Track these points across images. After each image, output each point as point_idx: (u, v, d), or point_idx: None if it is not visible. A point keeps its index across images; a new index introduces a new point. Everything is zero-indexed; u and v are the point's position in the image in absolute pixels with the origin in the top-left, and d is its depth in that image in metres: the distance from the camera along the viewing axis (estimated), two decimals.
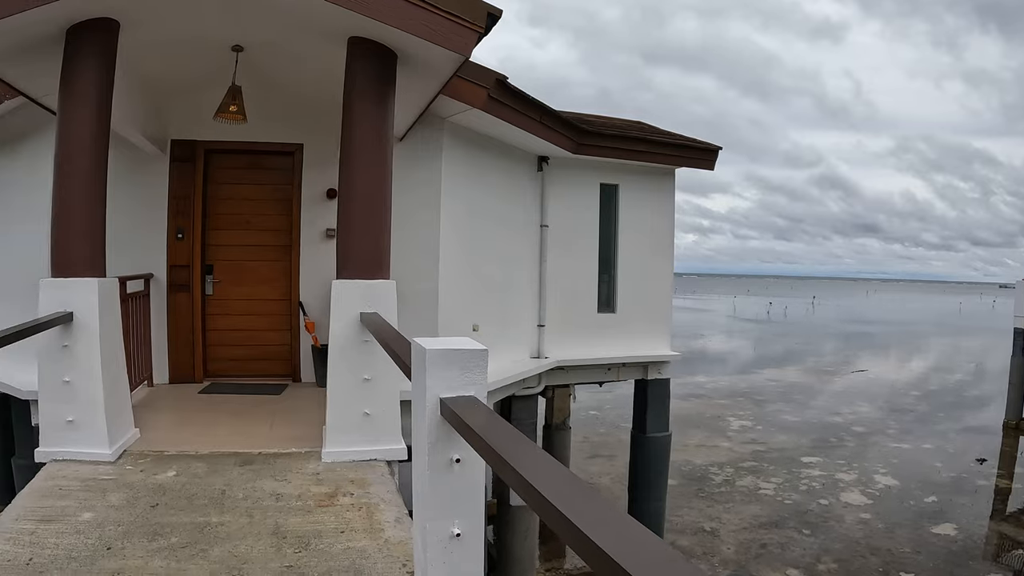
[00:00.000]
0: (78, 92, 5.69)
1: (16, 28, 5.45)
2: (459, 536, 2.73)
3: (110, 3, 5.51)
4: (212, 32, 6.65)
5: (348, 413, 5.66)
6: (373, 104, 5.93)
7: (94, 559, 3.87)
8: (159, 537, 4.16)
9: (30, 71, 6.52)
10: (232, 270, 9.13)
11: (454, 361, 2.68)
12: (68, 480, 5.11)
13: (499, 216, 9.85)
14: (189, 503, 4.72)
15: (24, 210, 8.76)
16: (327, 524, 4.37)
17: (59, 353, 5.50)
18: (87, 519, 4.42)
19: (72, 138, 5.69)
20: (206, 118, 8.12)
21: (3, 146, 9.40)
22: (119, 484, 5.05)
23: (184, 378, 8.89)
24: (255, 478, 5.21)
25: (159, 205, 8.85)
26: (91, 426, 5.51)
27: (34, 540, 4.10)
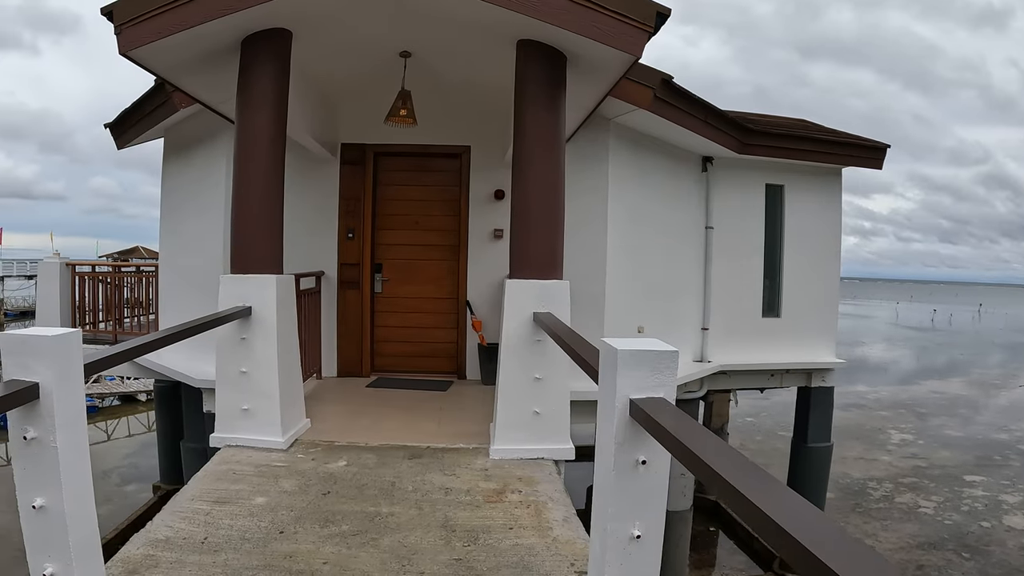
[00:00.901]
0: (255, 99, 5.91)
1: (195, 40, 5.68)
2: (639, 538, 2.63)
3: (283, 14, 5.68)
4: (380, 39, 6.79)
5: (518, 411, 5.61)
6: (545, 106, 5.88)
7: (267, 541, 3.96)
8: (330, 524, 4.22)
9: (207, 81, 6.80)
10: (401, 269, 9.31)
11: (645, 362, 2.57)
12: (242, 465, 5.29)
13: (664, 217, 9.66)
14: (359, 493, 4.77)
15: (197, 211, 9.19)
16: (495, 520, 4.33)
17: (237, 345, 5.71)
18: (260, 503, 4.54)
19: (251, 143, 5.91)
20: (375, 122, 8.33)
21: (178, 152, 9.90)
22: (291, 471, 5.18)
23: (352, 372, 9.14)
24: (424, 471, 5.23)
25: (330, 206, 9.15)
26: (266, 415, 5.69)
27: (209, 520, 4.24)
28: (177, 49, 5.77)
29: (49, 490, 2.72)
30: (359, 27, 6.32)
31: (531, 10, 5.14)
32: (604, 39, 5.23)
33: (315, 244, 8.98)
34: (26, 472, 2.75)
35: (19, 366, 2.68)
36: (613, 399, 2.59)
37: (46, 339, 2.71)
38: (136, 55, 5.72)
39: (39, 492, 2.73)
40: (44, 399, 2.67)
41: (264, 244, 5.89)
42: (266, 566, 3.63)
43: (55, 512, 2.74)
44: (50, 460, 2.70)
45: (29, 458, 2.73)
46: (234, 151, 5.98)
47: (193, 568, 3.60)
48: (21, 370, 2.68)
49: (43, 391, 2.67)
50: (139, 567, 3.60)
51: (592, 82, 6.37)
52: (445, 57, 7.28)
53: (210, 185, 8.89)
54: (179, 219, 9.81)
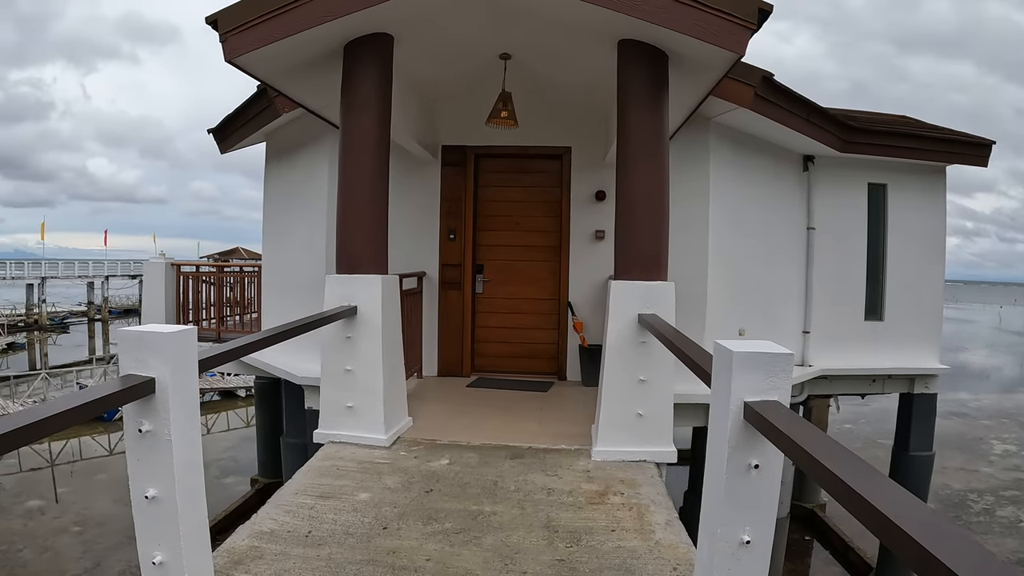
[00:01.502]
0: (359, 103, 6.01)
1: (298, 46, 5.81)
2: (748, 544, 2.59)
3: (384, 19, 5.76)
4: (480, 42, 6.84)
5: (621, 413, 5.56)
6: (648, 107, 5.81)
7: (370, 537, 4.01)
8: (433, 521, 4.24)
9: (311, 85, 6.94)
10: (502, 270, 9.35)
11: (760, 364, 2.53)
12: (345, 461, 5.38)
13: (765, 218, 9.46)
14: (462, 491, 4.80)
15: (300, 213, 9.38)
16: (598, 521, 4.29)
17: (343, 344, 5.81)
18: (364, 499, 4.60)
19: (355, 146, 6.01)
20: (475, 124, 8.39)
21: (280, 155, 10.13)
22: (394, 468, 5.24)
23: (452, 372, 9.22)
24: (526, 471, 5.23)
25: (432, 207, 9.26)
26: (369, 412, 5.78)
27: (313, 514, 4.32)
28: (281, 55, 5.91)
29: (162, 481, 2.80)
30: (459, 30, 6.37)
31: (633, 9, 5.09)
32: (707, 37, 5.14)
33: (417, 245, 9.09)
34: (140, 463, 2.82)
35: (136, 361, 2.76)
36: (727, 402, 2.55)
37: (163, 336, 2.78)
38: (241, 62, 5.87)
39: (152, 483, 2.81)
40: (160, 394, 2.75)
41: (369, 245, 5.98)
42: (369, 561, 3.67)
43: (167, 503, 2.81)
44: (164, 452, 2.77)
45: (143, 450, 2.80)
46: (339, 154, 6.09)
47: (297, 561, 3.66)
48: (138, 365, 2.75)
49: (159, 386, 2.74)
50: (244, 558, 3.69)
51: (694, 81, 6.28)
52: (545, 58, 7.28)
53: (312, 187, 9.05)
54: (282, 221, 10.03)
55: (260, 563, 3.64)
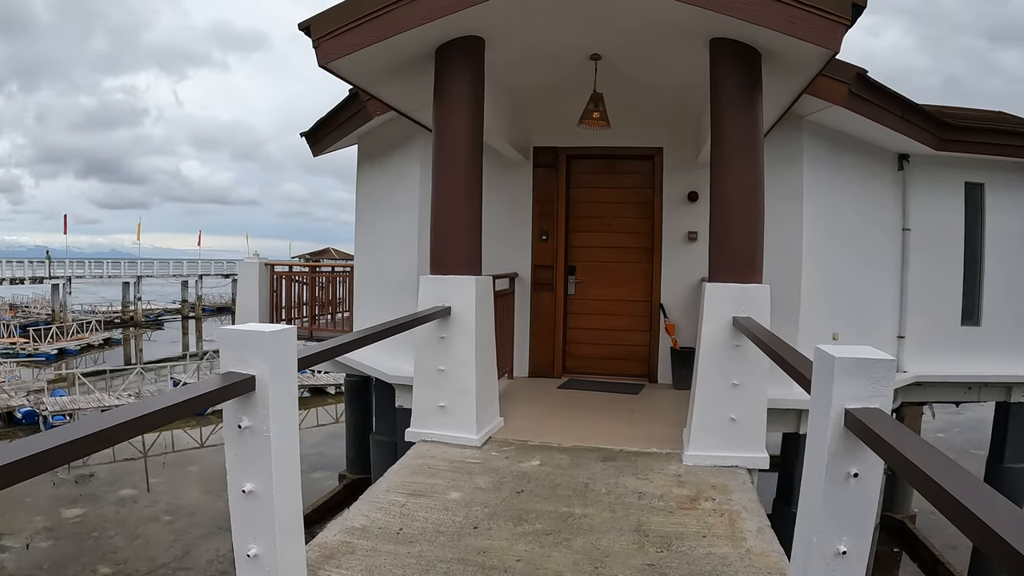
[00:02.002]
0: (452, 105, 6.07)
1: (390, 50, 5.90)
2: (844, 554, 2.53)
3: (475, 22, 5.80)
4: (570, 43, 6.81)
5: (714, 417, 5.48)
6: (741, 106, 5.73)
7: (461, 535, 4.04)
8: (524, 522, 4.25)
9: (403, 89, 7.05)
10: (593, 271, 9.32)
11: (863, 370, 2.47)
12: (436, 460, 5.43)
13: (859, 218, 9.19)
14: (553, 493, 4.79)
15: (392, 215, 9.49)
16: (688, 527, 4.24)
17: (436, 344, 5.88)
18: (455, 498, 4.64)
19: (449, 148, 6.07)
20: (566, 124, 8.37)
21: (372, 158, 10.28)
22: (485, 468, 5.27)
23: (543, 373, 9.22)
24: (617, 474, 5.20)
25: (524, 208, 9.28)
26: (461, 412, 5.83)
27: (404, 512, 4.38)
28: (373, 59, 6.00)
29: (259, 476, 2.86)
30: (549, 32, 6.36)
31: (725, 7, 5.02)
32: (800, 34, 5.04)
33: (509, 246, 9.12)
34: (238, 459, 2.89)
35: (237, 359, 2.83)
36: (828, 408, 2.49)
37: (264, 335, 2.84)
38: (334, 67, 5.98)
39: (249, 478, 2.88)
40: (260, 391, 2.81)
41: (463, 246, 6.04)
42: (460, 560, 3.70)
43: (263, 497, 2.87)
44: (262, 448, 2.84)
45: (242, 446, 2.87)
46: (433, 156, 6.15)
47: (388, 557, 3.71)
48: (239, 363, 2.83)
49: (259, 383, 2.81)
50: (335, 553, 3.75)
51: (787, 79, 6.17)
52: (635, 58, 7.22)
53: (404, 189, 9.16)
54: (374, 223, 10.18)
55: (351, 558, 3.69)
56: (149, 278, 67.44)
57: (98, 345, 49.14)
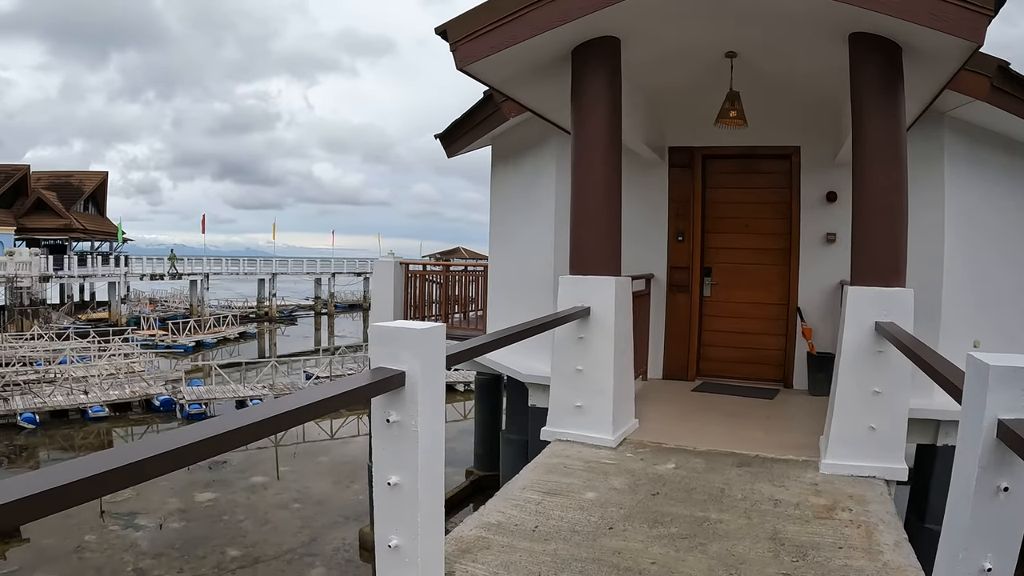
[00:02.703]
0: (590, 107, 6.09)
1: (527, 52, 5.95)
2: (990, 572, 2.46)
3: (610, 22, 5.79)
4: (705, 40, 6.74)
5: (852, 426, 5.33)
6: (883, 103, 5.54)
7: (596, 536, 4.05)
8: (659, 525, 4.24)
9: (539, 90, 7.09)
10: (729, 273, 9.17)
11: (1019, 379, 2.37)
12: (572, 460, 5.45)
13: (1003, 219, 8.68)
14: (688, 496, 4.76)
15: (527, 216, 9.54)
16: (824, 537, 4.14)
17: (575, 344, 5.91)
18: (590, 498, 4.66)
19: (588, 149, 6.08)
20: (701, 124, 8.29)
21: (506, 159, 10.35)
22: (620, 469, 5.27)
23: (677, 375, 9.12)
24: (753, 480, 5.12)
25: (660, 209, 9.20)
26: (598, 412, 5.84)
27: (540, 510, 4.42)
28: (510, 62, 6.07)
29: (404, 469, 2.95)
30: (684, 30, 6.31)
31: (866, 1, 4.88)
32: (943, 27, 4.84)
33: (645, 247, 9.03)
34: (385, 452, 2.98)
35: (388, 355, 2.92)
36: (980, 419, 2.41)
37: (415, 332, 2.93)
38: (472, 69, 6.06)
39: (395, 471, 2.96)
40: (409, 387, 2.90)
41: (603, 246, 6.04)
42: (594, 559, 3.72)
43: (408, 489, 2.95)
44: (409, 442, 2.92)
45: (390, 439, 2.96)
46: (572, 157, 6.16)
47: (523, 554, 3.75)
48: (390, 359, 2.91)
49: (409, 379, 2.89)
50: (472, 547, 3.83)
51: (928, 74, 5.94)
52: (772, 55, 7.08)
53: (539, 188, 9.20)
54: (508, 223, 10.27)
55: (487, 553, 3.76)
56: (283, 275, 69.92)
57: (233, 339, 51.25)
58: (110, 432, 26.25)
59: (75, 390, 28.67)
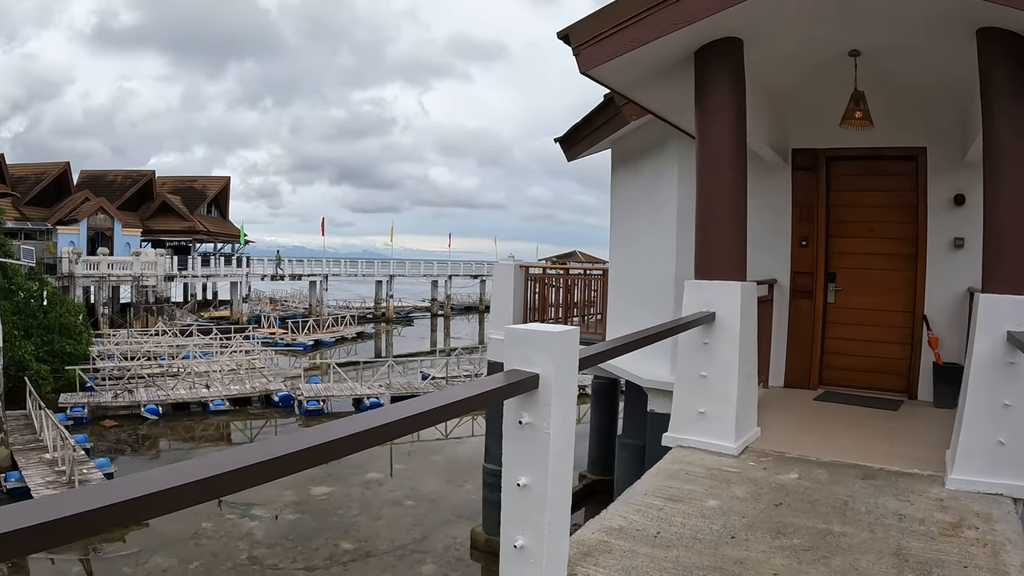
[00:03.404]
0: (714, 110, 6.04)
1: (649, 55, 5.92)
2: None
3: (733, 23, 5.72)
4: (827, 39, 6.59)
5: (980, 440, 5.13)
6: (1014, 99, 5.32)
7: (718, 544, 4.03)
8: (782, 536, 4.18)
9: (660, 93, 7.05)
10: (854, 278, 8.91)
11: None
12: (694, 466, 5.41)
13: None
14: (811, 508, 4.68)
15: (648, 219, 9.48)
16: (949, 555, 4.01)
17: (699, 349, 5.86)
18: (712, 506, 4.62)
19: (713, 152, 6.04)
20: (824, 125, 8.10)
21: (625, 162, 10.32)
22: (742, 478, 5.21)
23: (798, 383, 8.91)
24: (877, 494, 5.00)
25: (783, 213, 9.00)
26: (721, 419, 5.78)
27: (662, 516, 4.41)
28: (633, 65, 6.05)
29: (534, 471, 2.98)
30: (807, 29, 6.20)
31: None
32: None
33: (768, 251, 8.82)
34: (515, 453, 3.02)
35: (522, 358, 2.95)
36: None
37: (549, 335, 2.96)
38: (595, 73, 6.07)
39: (525, 472, 3.00)
40: (543, 389, 2.92)
41: (728, 251, 5.99)
42: (716, 568, 3.70)
43: (537, 491, 2.98)
44: (540, 444, 2.95)
45: (521, 441, 2.99)
46: (697, 161, 6.12)
47: (644, 559, 3.76)
48: (523, 361, 2.95)
49: (542, 381, 2.92)
50: (593, 550, 3.85)
51: None
52: (897, 53, 6.86)
53: (660, 191, 9.14)
54: (629, 227, 10.23)
55: (608, 557, 3.77)
56: (401, 277, 71.23)
57: (351, 338, 52.51)
58: (228, 425, 27.25)
59: (197, 384, 29.87)
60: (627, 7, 5.64)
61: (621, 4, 5.69)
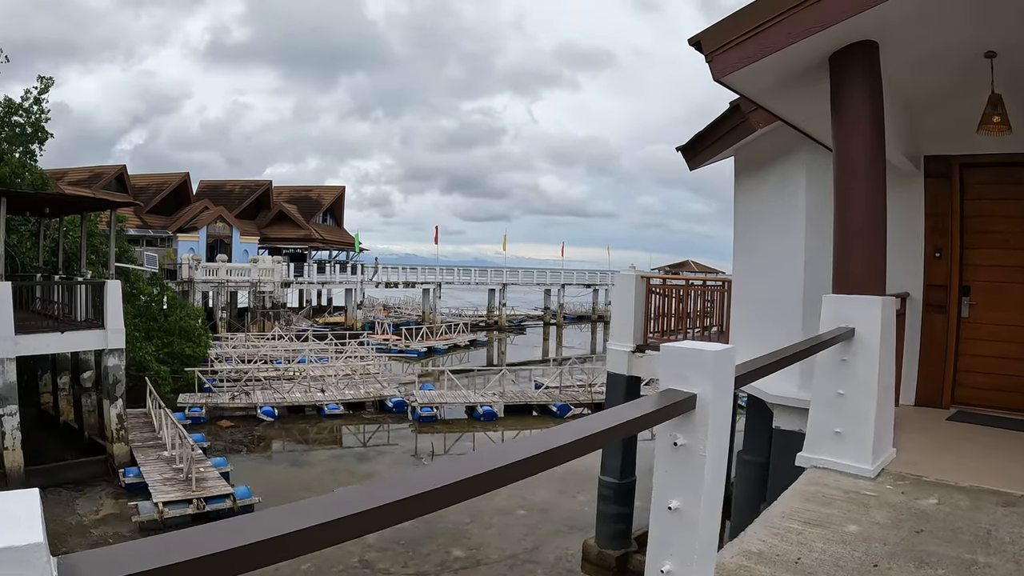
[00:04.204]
0: (851, 118, 5.81)
1: (782, 61, 5.73)
2: None
3: (869, 26, 5.49)
4: (963, 40, 6.32)
5: None
6: None
7: (860, 572, 3.86)
8: (925, 566, 3.99)
9: (792, 100, 6.84)
10: (989, 292, 8.47)
11: None
12: (830, 489, 5.22)
13: None
14: (953, 536, 4.47)
15: (774, 229, 9.23)
16: None
17: (837, 367, 5.64)
18: (852, 531, 4.44)
19: (851, 163, 5.82)
20: (958, 131, 7.80)
21: (749, 170, 10.10)
22: (880, 502, 5.00)
23: (930, 402, 8.53)
24: (1021, 523, 4.74)
25: (915, 223, 8.62)
26: (858, 440, 5.55)
27: (801, 540, 4.25)
28: (766, 71, 5.87)
29: (687, 494, 2.88)
30: (944, 30, 5.94)
31: None
32: None
33: (899, 264, 8.44)
34: (668, 475, 2.93)
35: (678, 377, 2.87)
36: None
37: (708, 353, 2.86)
38: (728, 80, 5.92)
39: (677, 495, 2.90)
40: (699, 410, 2.83)
41: (868, 265, 5.76)
42: None
43: (688, 515, 2.88)
44: (695, 467, 2.85)
45: (675, 463, 2.90)
46: (834, 172, 5.91)
47: None
48: (680, 381, 2.86)
49: (700, 402, 2.82)
50: None
51: None
52: None
53: (787, 201, 8.91)
54: (753, 237, 10.01)
55: None
56: (513, 285, 71.91)
57: (464, 346, 53.09)
58: (341, 429, 27.75)
59: (313, 388, 30.49)
60: (759, 11, 5.49)
61: (753, 8, 5.54)
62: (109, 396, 20.62)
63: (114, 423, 20.57)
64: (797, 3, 5.33)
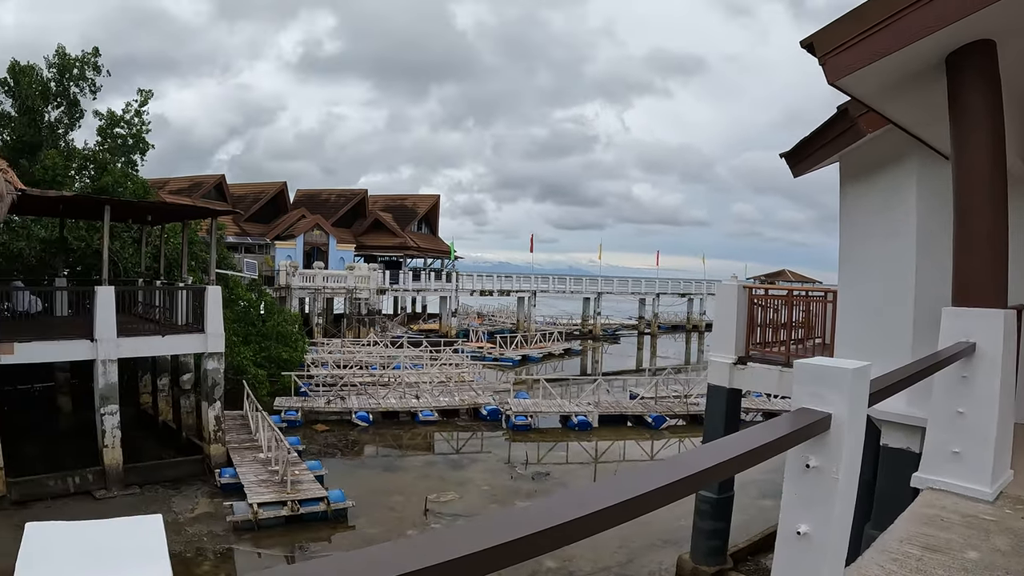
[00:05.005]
0: (971, 123, 5.55)
1: (897, 63, 5.48)
2: None
3: (988, 23, 5.21)
4: None
5: None
6: None
7: None
8: None
9: (905, 103, 6.56)
10: None
11: None
12: (948, 512, 4.96)
13: None
14: None
15: (882, 236, 8.91)
16: None
17: (956, 384, 5.36)
18: (972, 558, 4.21)
19: (971, 169, 5.55)
20: None
21: (856, 176, 9.78)
22: (1001, 527, 4.74)
23: None
24: None
25: None
26: (976, 461, 5.27)
27: (920, 567, 4.04)
28: (881, 72, 5.62)
29: (816, 519, 2.73)
30: None
31: None
32: None
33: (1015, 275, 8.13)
34: (797, 498, 2.78)
35: (812, 395, 2.72)
36: None
37: (845, 371, 2.71)
38: (843, 84, 5.70)
39: (806, 519, 2.76)
40: (834, 430, 2.68)
41: (989, 276, 5.48)
42: None
43: (816, 540, 2.74)
44: (827, 490, 2.70)
45: (805, 485, 2.76)
46: (953, 180, 5.63)
47: None
48: (814, 399, 2.71)
49: (834, 422, 2.67)
50: None
51: None
52: None
53: (897, 209, 8.60)
54: (859, 245, 9.70)
55: None
56: (608, 294, 71.79)
57: (558, 354, 53.12)
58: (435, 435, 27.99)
59: (407, 394, 30.81)
60: (874, 11, 5.27)
61: (868, 8, 5.32)
62: (207, 398, 21.20)
63: (212, 424, 21.13)
64: (912, 1, 5.12)
